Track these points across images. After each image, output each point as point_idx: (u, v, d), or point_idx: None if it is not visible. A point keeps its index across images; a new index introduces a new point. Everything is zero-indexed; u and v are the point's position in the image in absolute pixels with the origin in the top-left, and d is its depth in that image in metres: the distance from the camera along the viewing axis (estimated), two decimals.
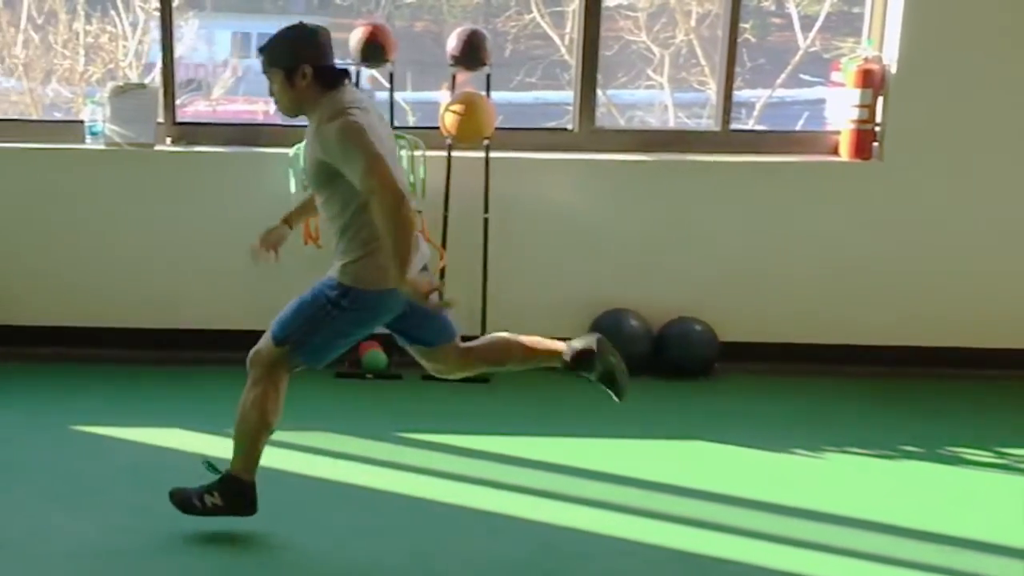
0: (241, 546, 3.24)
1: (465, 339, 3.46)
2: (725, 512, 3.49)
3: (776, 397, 4.56)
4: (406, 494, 3.59)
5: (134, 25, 6.52)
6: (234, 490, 3.25)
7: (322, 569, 3.15)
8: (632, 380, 4.58)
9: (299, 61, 3.04)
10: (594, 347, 3.34)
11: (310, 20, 3.20)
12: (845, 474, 3.84)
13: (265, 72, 3.12)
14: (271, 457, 3.80)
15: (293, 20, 3.17)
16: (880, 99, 4.75)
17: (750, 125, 5.90)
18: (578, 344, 3.36)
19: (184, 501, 3.28)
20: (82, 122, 4.89)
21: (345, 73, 3.14)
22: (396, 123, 4.85)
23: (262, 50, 3.12)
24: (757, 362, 4.84)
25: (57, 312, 4.88)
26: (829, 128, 5.02)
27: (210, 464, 3.34)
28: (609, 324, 4.71)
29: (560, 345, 3.40)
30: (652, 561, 3.21)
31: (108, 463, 3.79)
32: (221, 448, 3.87)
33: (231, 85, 7.22)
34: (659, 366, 4.72)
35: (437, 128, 4.71)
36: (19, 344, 4.84)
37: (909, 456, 3.98)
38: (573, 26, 5.64)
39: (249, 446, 3.28)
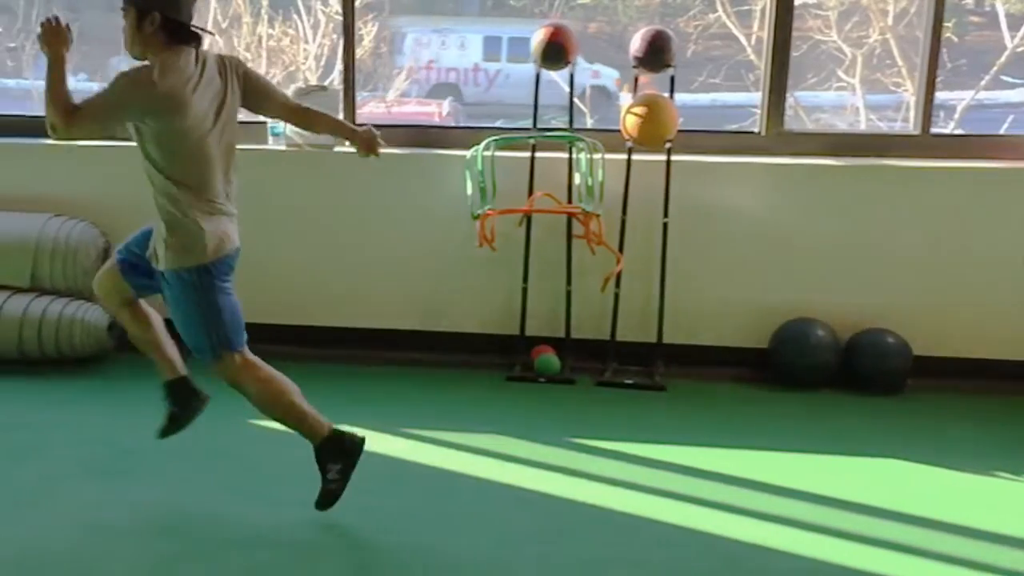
0: (409, 544, 3.34)
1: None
2: (916, 534, 3.41)
3: (974, 416, 4.41)
4: (578, 500, 3.63)
5: (315, 28, 6.82)
6: (332, 448, 3.44)
7: (491, 571, 3.20)
8: (818, 393, 4.59)
9: (151, 7, 3.20)
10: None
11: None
12: None
13: (122, 8, 3.28)
14: (441, 458, 3.96)
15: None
16: None
17: (950, 129, 5.75)
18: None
19: (328, 495, 3.44)
20: (264, 123, 5.13)
21: (195, 36, 3.28)
22: (575, 125, 4.93)
23: None
24: (954, 378, 4.70)
25: None
26: None
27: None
28: (794, 334, 4.68)
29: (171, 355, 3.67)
30: None
31: (284, 456, 3.94)
32: (390, 444, 4.06)
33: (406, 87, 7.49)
34: (847, 379, 4.65)
35: (617, 131, 4.76)
36: None
37: None
38: (760, 25, 5.62)
39: (298, 421, 3.45)
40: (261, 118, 5.24)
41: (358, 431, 3.49)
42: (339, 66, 5.34)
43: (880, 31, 6.21)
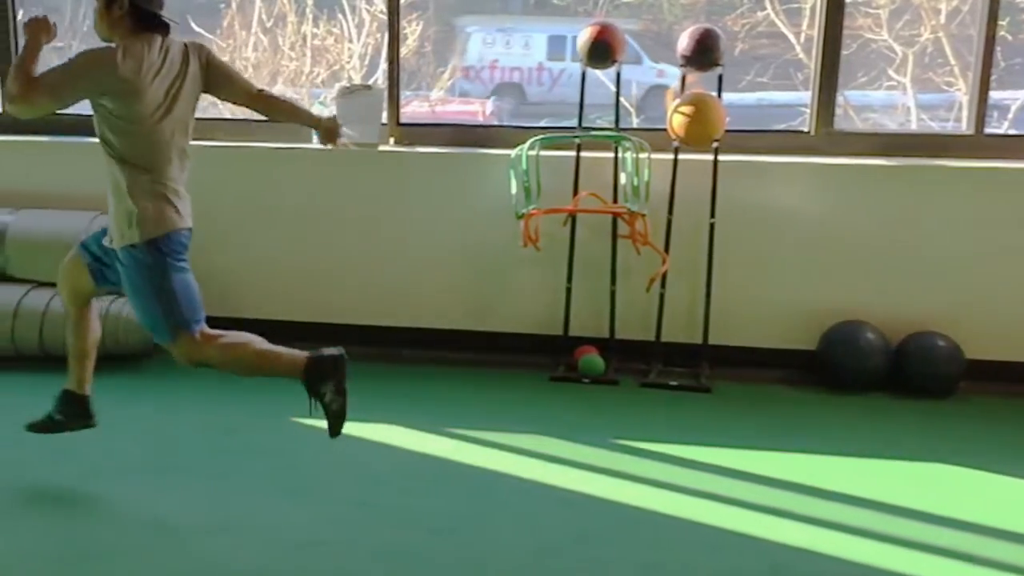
0: (453, 545, 3.33)
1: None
2: (968, 540, 3.36)
3: None
4: (623, 502, 3.62)
5: (359, 27, 6.86)
6: (317, 371, 3.49)
7: (535, 573, 3.19)
8: (867, 396, 4.57)
9: None
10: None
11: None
12: None
13: None
14: (484, 458, 3.97)
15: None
16: None
17: (1004, 128, 5.69)
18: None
19: (335, 417, 3.52)
20: None
21: (162, 25, 3.43)
22: (621, 125, 4.92)
23: None
24: (1006, 382, 4.66)
25: (280, 307, 5.18)
26: None
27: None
28: (843, 336, 4.64)
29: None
30: None
31: (328, 456, 3.97)
32: (433, 444, 4.09)
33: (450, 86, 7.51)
34: (897, 383, 4.61)
35: (663, 130, 4.75)
36: None
37: None
38: (810, 23, 5.59)
39: (274, 368, 3.54)
40: None
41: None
42: (383, 65, 5.37)
43: (932, 29, 6.16)
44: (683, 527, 3.46)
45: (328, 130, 3.83)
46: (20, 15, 5.47)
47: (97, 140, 3.44)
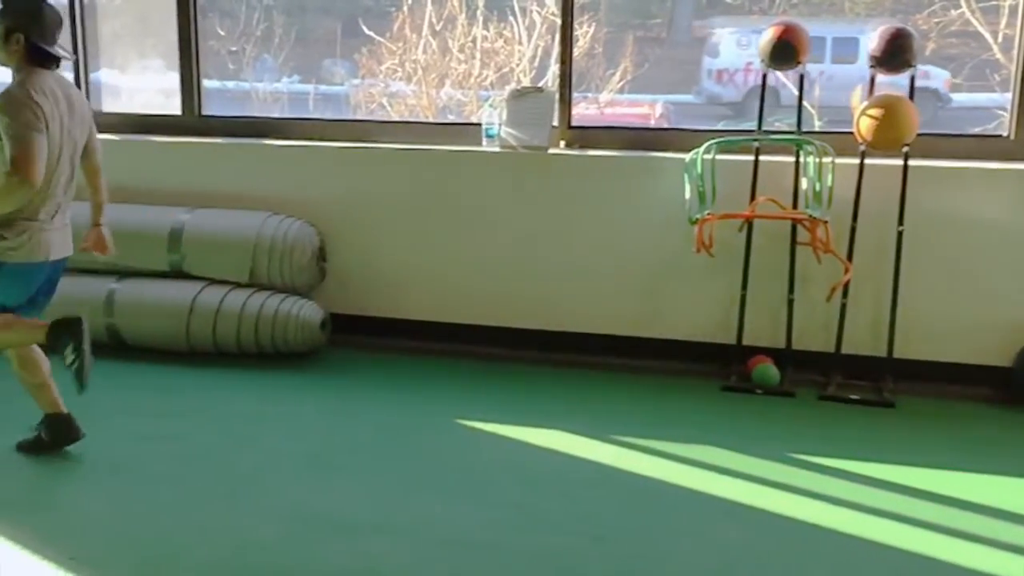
0: (612, 553, 3.35)
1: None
2: None
3: None
4: (797, 518, 3.58)
5: (529, 29, 6.97)
6: (56, 335, 3.76)
7: None
8: None
9: (16, 28, 3.68)
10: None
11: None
12: None
13: None
14: (650, 466, 3.98)
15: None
16: None
17: None
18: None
19: (79, 375, 3.77)
20: (478, 124, 5.28)
21: (55, 61, 3.75)
22: (803, 128, 4.87)
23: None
24: None
25: (445, 308, 5.30)
26: None
27: None
28: None
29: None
30: None
31: (490, 458, 4.06)
32: (597, 450, 4.12)
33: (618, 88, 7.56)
34: None
35: (849, 133, 4.68)
36: (411, 338, 5.32)
37: None
38: (1008, 22, 5.43)
39: (17, 331, 3.84)
40: (475, 120, 5.47)
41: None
42: (553, 67, 5.44)
43: None
44: (863, 548, 3.40)
45: (91, 238, 4.06)
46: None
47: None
